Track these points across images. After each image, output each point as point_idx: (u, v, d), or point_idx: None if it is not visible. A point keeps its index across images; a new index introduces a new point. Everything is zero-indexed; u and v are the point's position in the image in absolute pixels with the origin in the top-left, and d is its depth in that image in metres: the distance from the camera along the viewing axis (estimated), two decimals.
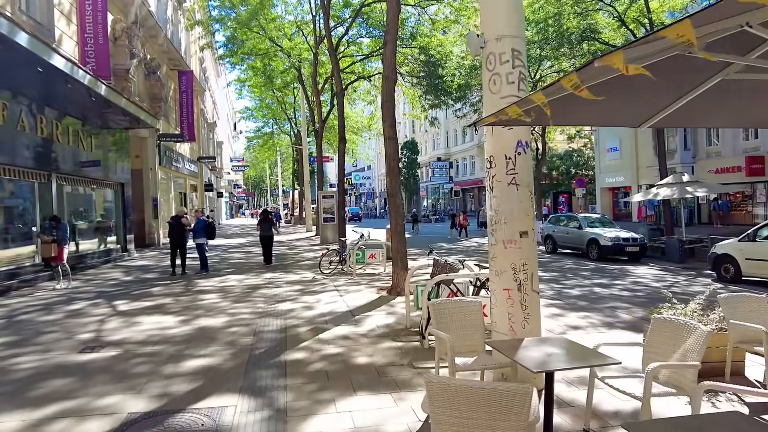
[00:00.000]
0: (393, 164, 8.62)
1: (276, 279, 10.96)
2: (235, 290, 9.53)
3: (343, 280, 10.66)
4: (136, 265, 14.03)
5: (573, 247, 17.13)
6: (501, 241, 4.18)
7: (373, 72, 27.69)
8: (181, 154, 26.18)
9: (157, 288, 9.91)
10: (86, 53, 13.15)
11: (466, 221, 27.00)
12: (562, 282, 10.82)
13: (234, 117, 75.98)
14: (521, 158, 4.16)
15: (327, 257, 12.07)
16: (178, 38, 26.65)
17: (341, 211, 17.45)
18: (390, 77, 8.64)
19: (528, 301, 4.13)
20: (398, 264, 8.50)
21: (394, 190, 8.62)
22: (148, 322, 6.96)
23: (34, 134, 10.81)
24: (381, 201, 77.97)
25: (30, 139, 10.72)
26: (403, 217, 8.66)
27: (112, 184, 15.54)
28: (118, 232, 16.02)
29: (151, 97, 20.58)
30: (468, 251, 18.04)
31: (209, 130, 38.19)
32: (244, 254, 17.09)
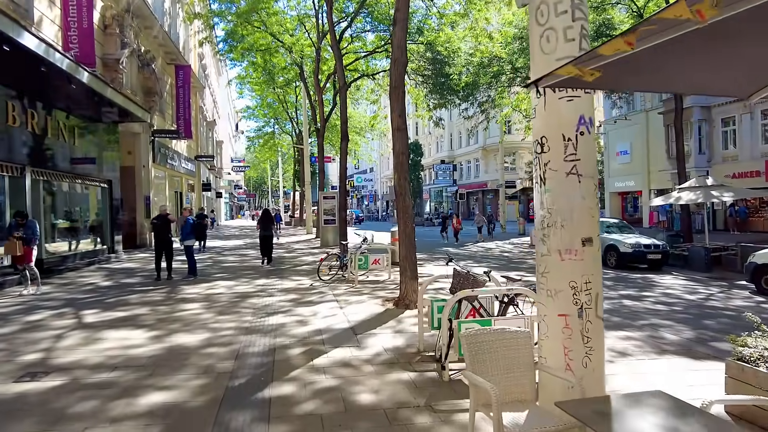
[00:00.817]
0: (402, 159, 7.58)
1: (269, 286, 9.91)
2: (221, 299, 8.47)
3: (343, 288, 9.61)
4: (121, 268, 12.99)
5: None
6: (556, 250, 3.13)
7: (378, 69, 26.73)
8: (177, 151, 25.19)
9: (136, 295, 8.86)
10: (69, 38, 12.16)
11: (460, 225, 25.53)
12: None
13: (235, 117, 75.11)
14: (584, 140, 3.11)
15: (326, 262, 11.01)
16: (176, 32, 25.70)
17: (342, 213, 16.39)
18: (400, 60, 7.61)
19: (591, 331, 3.08)
20: (407, 273, 7.44)
21: (403, 189, 7.57)
22: (114, 338, 5.91)
23: (4, 123, 9.79)
24: (383, 203, 77.02)
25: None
26: (412, 220, 7.62)
27: (98, 180, 14.52)
28: (104, 232, 14.98)
29: (145, 91, 19.60)
30: (476, 257, 16.97)
31: (208, 128, 37.23)
32: (238, 257, 16.04)
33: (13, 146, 10.12)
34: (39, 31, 11.40)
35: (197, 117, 31.24)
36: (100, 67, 15.31)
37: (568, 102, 3.06)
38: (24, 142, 10.52)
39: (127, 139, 19.03)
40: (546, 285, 3.20)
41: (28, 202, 10.50)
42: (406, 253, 7.48)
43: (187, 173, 27.77)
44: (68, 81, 10.58)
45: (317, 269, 10.72)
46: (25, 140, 10.58)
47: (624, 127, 32.59)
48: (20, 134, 10.35)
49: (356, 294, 8.91)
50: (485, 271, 5.30)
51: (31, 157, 10.78)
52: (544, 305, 3.22)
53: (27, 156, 10.58)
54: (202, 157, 31.05)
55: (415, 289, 7.48)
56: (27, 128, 10.56)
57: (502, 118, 30.01)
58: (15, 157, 10.17)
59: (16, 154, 10.19)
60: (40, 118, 11.13)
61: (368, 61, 27.02)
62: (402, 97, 7.60)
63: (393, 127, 7.62)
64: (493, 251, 19.42)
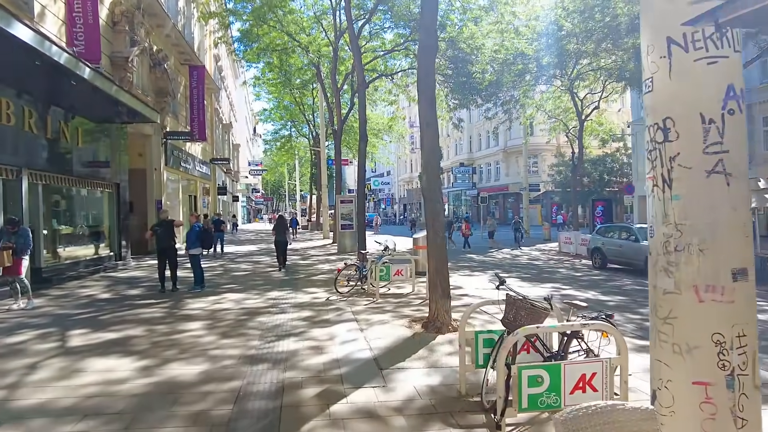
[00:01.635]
0: (431, 158, 6.58)
1: (282, 300, 8.98)
2: (227, 317, 7.56)
3: (363, 303, 8.63)
4: (127, 277, 12.21)
5: (628, 262, 14.84)
6: (690, 286, 2.11)
7: (396, 69, 25.81)
8: (191, 154, 24.56)
9: (134, 311, 8.01)
10: (74, 34, 11.46)
11: (469, 230, 23.53)
12: (638, 311, 8.61)
13: (253, 120, 74.93)
14: (734, 122, 2.09)
15: (344, 273, 10.06)
16: (190, 32, 25.13)
17: (361, 217, 15.43)
18: (428, 44, 6.61)
19: (747, 408, 2.05)
20: (437, 290, 6.43)
21: (433, 192, 6.57)
22: (95, 369, 5.02)
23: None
24: (400, 207, 76.05)
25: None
26: (443, 228, 6.60)
27: (104, 184, 13.80)
28: (111, 239, 14.27)
29: (156, 91, 18.96)
30: (503, 265, 15.83)
31: (224, 131, 36.71)
32: (252, 264, 15.19)
33: (7, 147, 9.38)
34: (40, 26, 10.71)
35: (212, 119, 30.69)
36: (108, 66, 14.64)
37: (710, 65, 2.05)
38: (20, 143, 9.79)
39: (137, 141, 18.40)
40: (672, 337, 2.18)
41: (25, 207, 9.75)
42: (436, 267, 6.47)
43: (201, 176, 27.15)
44: (68, 77, 9.84)
45: (334, 280, 9.77)
46: (21, 141, 9.85)
47: None
48: (15, 134, 9.62)
49: (378, 311, 7.91)
50: (545, 297, 4.27)
51: (28, 158, 10.05)
52: (668, 367, 2.19)
53: (23, 157, 9.84)
54: (217, 160, 30.46)
55: (448, 309, 6.47)
56: (23, 128, 9.83)
57: (526, 119, 28.80)
58: (9, 158, 9.43)
59: (10, 155, 9.45)
60: (39, 117, 10.41)
61: (386, 61, 26.17)
62: (432, 88, 6.61)
63: (421, 121, 6.63)
64: (519, 259, 18.27)
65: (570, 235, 21.96)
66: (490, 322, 6.56)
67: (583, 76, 24.58)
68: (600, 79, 25.08)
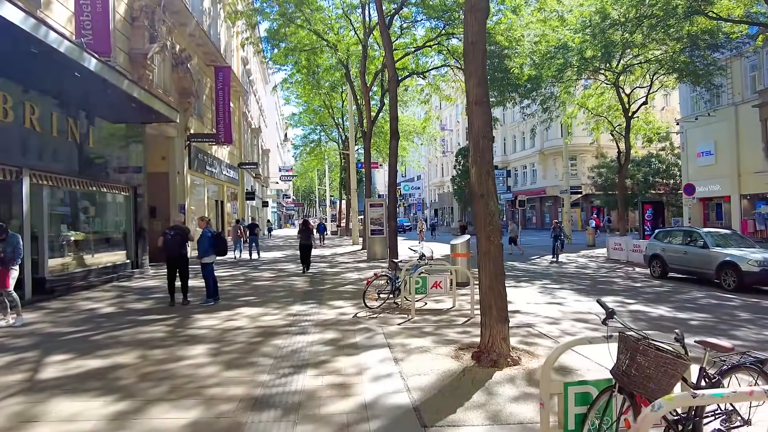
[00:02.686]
0: (483, 145, 5.27)
1: (303, 316, 7.79)
2: (239, 338, 6.40)
3: (397, 322, 7.34)
4: (140, 287, 11.30)
5: (694, 271, 13.08)
6: None
7: (428, 67, 24.55)
8: (217, 158, 23.86)
9: (134, 329, 6.95)
10: (81, 24, 10.67)
11: None
12: (729, 333, 7.03)
13: (283, 126, 74.92)
14: None
15: (374, 284, 8.81)
16: (216, 32, 24.52)
17: (392, 222, 14.17)
18: (478, 5, 5.31)
19: None
20: (493, 311, 5.09)
21: (486, 188, 5.23)
22: (56, 416, 3.89)
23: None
24: (431, 212, 74.51)
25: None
26: (500, 234, 5.26)
27: (120, 187, 13.00)
28: (128, 245, 13.46)
29: (179, 92, 18.24)
30: (549, 274, 14.25)
31: (253, 135, 36.16)
32: (275, 273, 14.11)
33: (4, 144, 8.54)
34: (45, 15, 9.93)
35: (240, 122, 30.07)
36: (127, 63, 13.91)
37: None
38: (19, 141, 8.96)
39: (160, 143, 17.70)
40: None
41: (25, 211, 8.90)
42: (490, 283, 5.13)
43: (228, 181, 26.45)
44: (72, 69, 8.98)
45: (363, 293, 8.51)
46: (22, 138, 9.02)
47: (707, 124, 28.71)
48: (14, 131, 8.79)
49: (415, 333, 6.60)
50: (676, 337, 2.89)
51: (30, 158, 9.21)
52: None
53: (24, 156, 9.00)
54: (245, 165, 29.79)
55: (505, 336, 5.12)
56: (24, 124, 9.00)
57: (567, 117, 26.99)
58: (7, 157, 8.59)
59: (7, 154, 8.61)
60: (42, 113, 9.57)
61: (418, 58, 24.94)
62: (482, 59, 5.31)
63: (469, 100, 5.34)
64: (567, 267, 16.64)
65: (620, 241, 20.16)
66: (579, 369, 5.15)
67: (630, 69, 22.68)
68: (648, 73, 23.14)
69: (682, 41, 19.72)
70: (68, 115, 10.43)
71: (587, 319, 7.84)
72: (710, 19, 17.98)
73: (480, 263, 5.27)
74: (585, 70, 23.00)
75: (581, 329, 7.11)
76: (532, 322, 7.41)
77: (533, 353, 5.52)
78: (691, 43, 19.50)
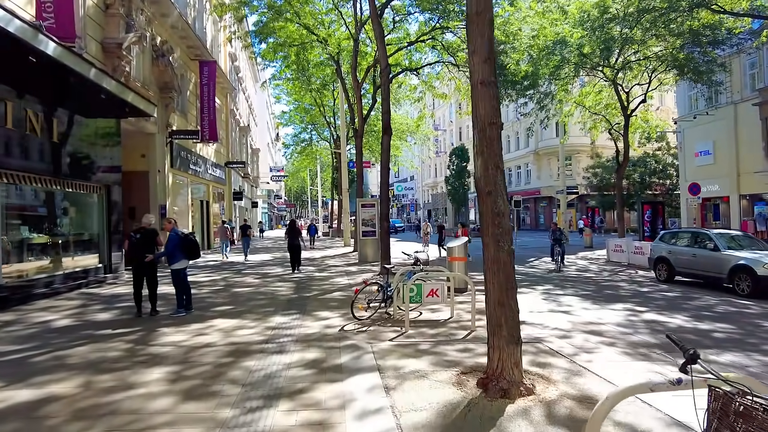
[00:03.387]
0: (491, 132, 4.43)
1: (284, 329, 6.92)
2: (206, 359, 5.52)
3: (388, 337, 6.49)
4: (109, 294, 10.37)
5: (704, 275, 12.34)
6: None
7: (421, 64, 23.73)
8: (202, 156, 22.89)
9: (87, 347, 6.05)
10: (43, 6, 9.72)
11: (467, 236, 19.32)
12: (762, 348, 6.25)
13: (274, 126, 73.82)
14: None
15: (364, 292, 7.96)
16: (202, 26, 23.56)
17: (385, 223, 13.32)
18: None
19: None
20: (503, 331, 4.26)
21: (495, 184, 4.39)
22: None
23: None
24: (424, 213, 73.79)
25: None
26: (510, 238, 4.42)
27: (91, 185, 12.05)
28: (100, 248, 12.50)
29: (160, 86, 17.29)
30: (550, 279, 13.44)
31: (242, 134, 35.15)
32: (259, 278, 13.21)
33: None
34: None
35: (228, 120, 29.11)
36: (99, 52, 12.96)
37: None
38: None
39: (139, 140, 16.75)
40: None
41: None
42: (500, 299, 4.30)
43: (215, 180, 25.47)
44: (28, 56, 8.06)
45: (351, 304, 7.65)
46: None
47: (705, 123, 28.12)
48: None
49: (410, 351, 5.75)
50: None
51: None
52: None
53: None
54: (232, 164, 28.81)
55: (518, 360, 4.28)
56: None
57: (564, 115, 26.28)
58: None
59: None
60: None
61: (411, 54, 24.14)
62: (489, 31, 4.48)
63: (474, 80, 4.51)
64: (567, 270, 15.89)
65: (621, 243, 19.46)
66: (636, 424, 4.30)
67: (630, 66, 21.99)
68: (647, 70, 22.48)
69: (683, 36, 19.07)
70: (27, 107, 9.48)
71: (601, 332, 7.04)
72: (714, 13, 17.32)
73: (487, 273, 4.43)
74: (583, 67, 22.31)
75: (597, 344, 6.30)
76: (541, 336, 6.59)
77: (548, 378, 4.70)
78: (693, 38, 18.84)
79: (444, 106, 65.49)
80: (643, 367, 5.32)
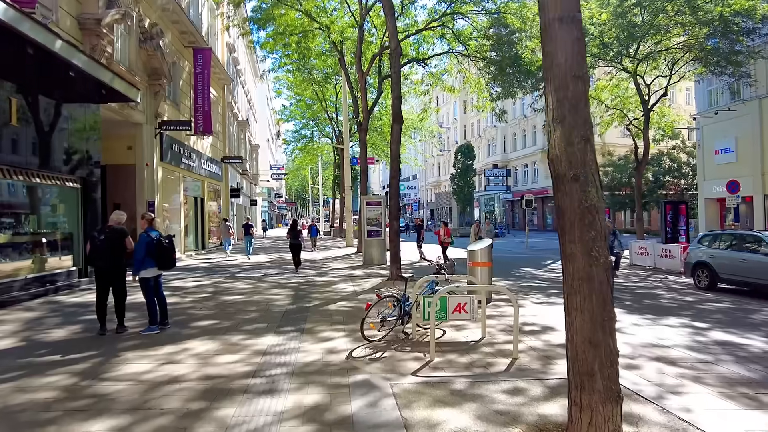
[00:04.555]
0: (575, 89, 3.01)
1: (276, 357, 5.49)
2: (167, 404, 4.10)
3: (410, 368, 5.07)
4: (77, 303, 8.96)
5: (754, 282, 10.92)
6: None
7: (428, 54, 22.29)
8: (196, 150, 21.48)
9: (17, 382, 4.63)
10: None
11: (449, 237, 17.03)
12: None
13: (275, 124, 72.40)
14: None
15: (376, 309, 6.54)
16: (197, 13, 22.15)
17: (395, 222, 11.87)
18: None
19: None
20: (595, 384, 2.83)
21: (584, 164, 2.96)
22: None
23: None
24: (427, 212, 72.43)
25: None
26: (606, 244, 3.00)
27: (63, 178, 10.62)
28: (73, 249, 11.08)
29: (149, 72, 15.88)
30: (557, 284, 12.02)
31: (240, 129, 33.72)
32: (253, 283, 11.79)
33: None
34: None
35: (225, 113, 27.70)
36: (75, 29, 11.55)
37: None
38: None
39: (125, 130, 15.37)
40: None
41: None
42: (592, 336, 2.88)
43: (210, 176, 24.05)
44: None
45: (361, 324, 6.20)
46: None
47: (726, 119, 26.63)
48: None
49: (443, 395, 4.32)
50: None
51: None
52: None
53: None
54: (229, 159, 27.38)
55: (617, 426, 2.86)
56: None
57: None
58: None
59: None
60: None
61: (419, 45, 22.72)
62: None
63: (547, 18, 3.09)
64: None
65: (645, 245, 18.06)
66: None
67: (653, 56, 20.52)
68: (670, 61, 21.01)
69: (711, 24, 17.63)
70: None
71: (673, 359, 5.63)
72: None
73: (572, 296, 3.00)
74: (603, 58, 20.85)
75: (678, 379, 4.88)
76: None
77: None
78: (723, 26, 17.41)
79: (448, 103, 64.05)
80: (761, 419, 3.91)
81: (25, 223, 9.78)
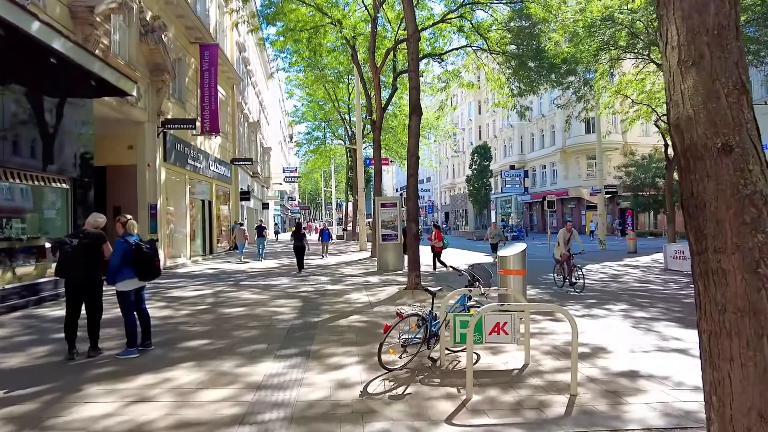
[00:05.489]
0: (720, 17, 1.88)
1: (272, 393, 4.41)
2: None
3: (442, 410, 3.95)
4: (55, 318, 7.95)
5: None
6: None
7: (446, 49, 21.18)
8: (204, 151, 20.61)
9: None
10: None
11: (440, 241, 15.15)
12: None
13: (287, 125, 71.77)
14: None
15: (398, 330, 5.42)
16: (204, 9, 21.34)
17: (414, 226, 10.73)
18: None
19: None
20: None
21: (731, 127, 1.86)
22: None
23: None
24: (441, 215, 71.21)
25: None
26: None
27: (50, 177, 9.71)
28: None
29: (151, 67, 15.02)
30: (605, 289, 10.70)
31: (251, 130, 32.89)
32: (258, 291, 10.76)
33: None
34: None
35: (234, 114, 26.87)
36: (66, 18, 10.67)
37: None
38: None
39: (126, 129, 14.52)
40: None
41: None
42: (762, 407, 1.73)
43: (218, 178, 23.18)
44: None
45: (379, 347, 5.08)
46: None
47: (763, 113, 24.95)
48: None
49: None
50: None
51: None
52: None
53: None
54: (239, 161, 26.51)
55: None
56: None
57: (605, 106, 23.46)
58: None
59: None
60: None
61: (435, 40, 21.64)
62: None
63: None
64: (624, 278, 13.25)
65: (682, 248, 16.66)
66: None
67: None
68: None
69: (751, 10, 16.31)
70: None
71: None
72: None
73: (718, 337, 1.87)
74: (631, 50, 19.55)
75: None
76: (693, 410, 3.98)
77: None
78: (765, 10, 16.11)
79: (463, 104, 62.77)
80: None
81: (6, 228, 8.86)
